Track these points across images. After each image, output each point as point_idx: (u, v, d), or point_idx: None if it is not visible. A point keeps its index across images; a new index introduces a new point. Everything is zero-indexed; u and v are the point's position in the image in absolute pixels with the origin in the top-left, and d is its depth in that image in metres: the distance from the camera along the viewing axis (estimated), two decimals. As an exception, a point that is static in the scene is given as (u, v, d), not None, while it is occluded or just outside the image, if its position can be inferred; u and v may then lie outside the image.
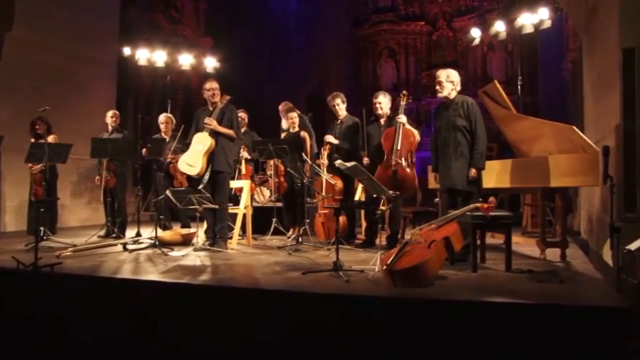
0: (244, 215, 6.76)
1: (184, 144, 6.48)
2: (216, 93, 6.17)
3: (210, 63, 12.10)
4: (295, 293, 3.95)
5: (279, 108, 7.78)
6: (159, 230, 6.37)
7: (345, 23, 18.51)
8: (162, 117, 8.03)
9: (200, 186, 5.92)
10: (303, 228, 6.80)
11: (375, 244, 6.13)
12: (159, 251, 5.87)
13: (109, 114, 7.71)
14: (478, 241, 4.90)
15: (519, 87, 10.37)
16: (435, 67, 7.14)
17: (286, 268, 4.93)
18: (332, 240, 6.04)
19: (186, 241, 6.67)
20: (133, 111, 12.23)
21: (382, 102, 6.30)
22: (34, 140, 6.88)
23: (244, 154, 7.61)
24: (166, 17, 14.06)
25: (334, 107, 6.78)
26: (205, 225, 6.38)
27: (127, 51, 11.34)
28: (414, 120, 6.07)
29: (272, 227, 7.37)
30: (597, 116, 6.50)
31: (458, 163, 5.09)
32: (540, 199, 5.72)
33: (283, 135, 7.43)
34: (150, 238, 6.38)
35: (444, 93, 5.26)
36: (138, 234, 6.92)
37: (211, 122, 6.01)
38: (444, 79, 5.25)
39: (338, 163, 5.13)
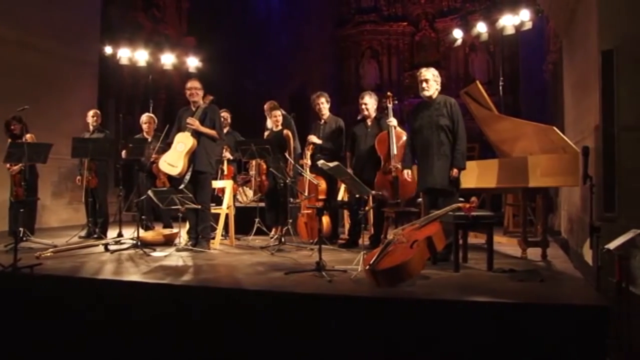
0: (227, 215, 6.74)
1: (166, 144, 6.43)
2: (197, 92, 6.14)
3: (192, 63, 12.02)
4: (278, 293, 3.94)
5: (265, 107, 7.74)
6: (141, 230, 6.32)
7: (328, 23, 18.55)
8: (145, 117, 7.98)
9: (181, 186, 5.89)
10: (286, 228, 6.79)
11: (358, 244, 6.14)
12: (141, 252, 5.82)
13: (90, 114, 7.62)
14: (460, 241, 4.92)
15: (501, 88, 10.43)
16: (417, 68, 7.15)
17: (269, 268, 4.92)
18: (315, 240, 6.03)
19: (168, 241, 6.62)
20: (114, 111, 12.07)
21: (369, 103, 6.28)
22: (10, 140, 6.78)
23: (227, 155, 7.57)
24: (148, 16, 13.93)
25: (318, 107, 6.78)
26: (187, 225, 6.34)
27: (109, 50, 11.21)
28: (398, 120, 6.08)
29: (255, 228, 7.35)
30: (577, 117, 6.57)
31: (440, 162, 5.07)
32: (521, 199, 5.76)
33: (266, 134, 7.41)
34: (132, 238, 6.32)
35: (430, 92, 5.18)
36: (120, 235, 6.87)
37: (194, 122, 5.98)
38: (431, 78, 5.17)
39: (320, 163, 5.12)
